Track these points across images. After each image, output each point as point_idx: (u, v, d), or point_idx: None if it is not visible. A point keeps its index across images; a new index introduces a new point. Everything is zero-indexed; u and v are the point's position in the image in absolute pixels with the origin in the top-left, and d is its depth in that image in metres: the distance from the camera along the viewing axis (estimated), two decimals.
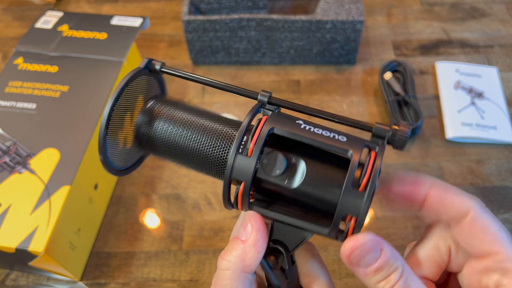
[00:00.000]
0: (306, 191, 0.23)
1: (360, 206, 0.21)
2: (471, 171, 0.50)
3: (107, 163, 0.25)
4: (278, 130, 0.23)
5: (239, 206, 0.24)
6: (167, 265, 0.45)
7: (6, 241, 0.37)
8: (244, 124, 0.23)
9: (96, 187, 0.45)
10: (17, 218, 0.38)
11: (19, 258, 0.39)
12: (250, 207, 0.24)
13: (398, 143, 0.23)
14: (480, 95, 0.56)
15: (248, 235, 0.23)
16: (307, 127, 0.23)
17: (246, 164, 0.22)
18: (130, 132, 0.26)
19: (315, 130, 0.23)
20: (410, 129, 0.24)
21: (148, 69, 0.27)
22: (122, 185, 0.50)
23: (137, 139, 0.26)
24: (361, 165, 0.22)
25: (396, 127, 0.23)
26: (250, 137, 0.23)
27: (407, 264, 0.23)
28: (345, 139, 0.22)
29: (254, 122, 0.24)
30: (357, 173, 0.22)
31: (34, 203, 0.39)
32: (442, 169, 0.50)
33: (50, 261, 0.38)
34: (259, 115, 0.24)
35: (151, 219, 0.48)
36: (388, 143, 0.23)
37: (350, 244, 0.21)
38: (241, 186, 0.23)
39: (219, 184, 0.50)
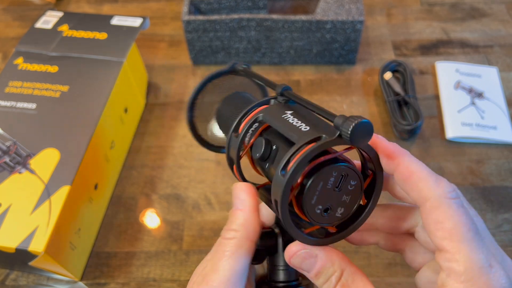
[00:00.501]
0: (273, 173, 0.24)
1: (280, 189, 0.21)
2: (471, 171, 0.50)
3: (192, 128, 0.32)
4: (261, 117, 0.25)
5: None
6: (167, 265, 0.45)
7: (6, 241, 0.37)
8: (245, 110, 0.26)
9: (96, 187, 0.45)
10: (17, 218, 0.38)
11: (19, 258, 0.39)
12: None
13: (344, 137, 0.21)
14: (480, 95, 0.56)
15: (244, 203, 0.25)
16: (287, 117, 0.24)
17: (233, 143, 0.25)
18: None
19: (291, 119, 0.24)
20: (357, 123, 0.21)
21: (233, 70, 0.31)
22: (122, 185, 0.50)
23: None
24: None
25: (343, 120, 0.21)
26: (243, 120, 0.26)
27: (349, 266, 0.23)
28: (307, 129, 0.23)
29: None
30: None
31: (34, 203, 0.39)
32: (442, 169, 0.50)
33: (50, 261, 0.38)
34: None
35: (151, 219, 0.48)
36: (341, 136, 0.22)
37: (287, 251, 0.23)
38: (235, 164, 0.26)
39: (219, 184, 0.50)
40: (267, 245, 0.26)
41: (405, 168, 0.23)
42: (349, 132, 0.20)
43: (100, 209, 0.47)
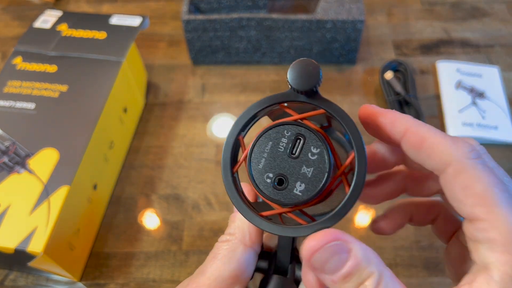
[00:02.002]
0: None
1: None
2: None
3: None
4: None
5: None
6: (166, 266, 0.44)
7: (5, 241, 0.37)
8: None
9: (95, 187, 0.45)
10: (16, 218, 0.38)
11: (18, 259, 0.39)
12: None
13: (290, 84, 0.18)
14: (481, 95, 0.55)
15: None
16: None
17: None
18: None
19: None
20: (295, 62, 0.20)
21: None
22: (121, 185, 0.50)
23: None
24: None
25: None
26: None
27: (387, 268, 0.19)
28: None
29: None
30: None
31: (33, 203, 0.39)
32: None
33: (49, 262, 0.38)
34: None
35: (150, 219, 0.48)
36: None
37: (310, 244, 0.18)
38: None
39: (218, 184, 0.50)
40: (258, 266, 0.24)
41: (415, 134, 0.19)
42: (287, 74, 0.18)
43: (99, 210, 0.47)
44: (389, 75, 0.56)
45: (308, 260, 0.18)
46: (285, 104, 0.21)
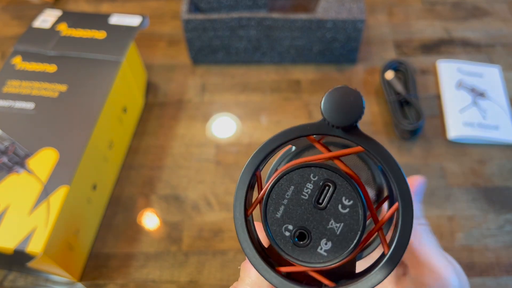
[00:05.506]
0: None
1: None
2: (473, 172, 0.50)
3: None
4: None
5: None
6: (166, 266, 0.44)
7: (4, 242, 0.37)
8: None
9: (94, 187, 0.45)
10: (15, 218, 0.38)
11: (17, 259, 0.38)
12: None
13: (323, 115, 0.15)
14: (482, 94, 0.55)
15: None
16: None
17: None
18: None
19: None
20: (331, 89, 0.16)
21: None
22: (121, 186, 0.50)
23: None
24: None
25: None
26: None
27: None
28: None
29: None
30: None
31: (32, 203, 0.38)
32: (444, 170, 0.50)
33: (48, 262, 0.38)
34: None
35: (150, 219, 0.48)
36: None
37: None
38: None
39: (218, 184, 0.50)
40: None
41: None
42: (322, 104, 0.15)
43: (98, 210, 0.47)
44: (389, 74, 0.56)
45: None
46: (314, 137, 0.18)
